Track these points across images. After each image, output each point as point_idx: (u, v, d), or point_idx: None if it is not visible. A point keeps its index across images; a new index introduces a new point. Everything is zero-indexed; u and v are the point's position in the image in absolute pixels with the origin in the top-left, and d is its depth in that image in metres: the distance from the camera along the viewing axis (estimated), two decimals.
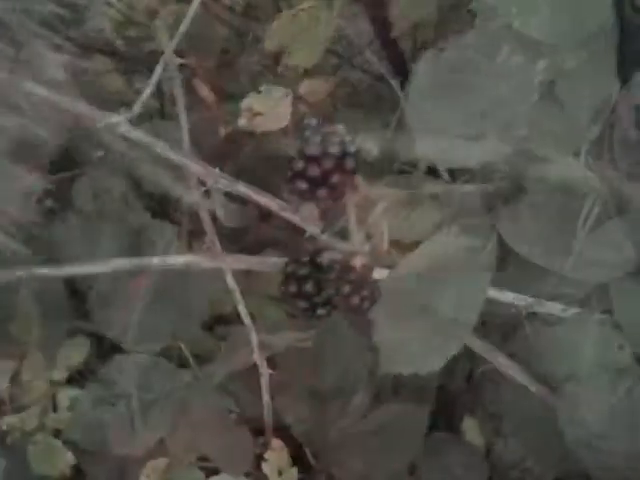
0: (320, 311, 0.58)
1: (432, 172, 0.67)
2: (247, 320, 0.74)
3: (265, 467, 0.78)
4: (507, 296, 0.65)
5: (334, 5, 0.81)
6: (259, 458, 0.79)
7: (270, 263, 0.64)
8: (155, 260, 0.63)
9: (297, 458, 0.82)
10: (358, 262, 0.53)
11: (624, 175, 0.71)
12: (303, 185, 0.50)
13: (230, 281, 0.73)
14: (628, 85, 0.68)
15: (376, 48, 1.07)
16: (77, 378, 0.93)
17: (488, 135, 0.56)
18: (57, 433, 0.88)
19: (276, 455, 0.79)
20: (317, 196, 0.50)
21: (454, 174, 0.68)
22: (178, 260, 0.64)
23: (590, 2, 0.62)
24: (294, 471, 0.79)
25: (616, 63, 0.66)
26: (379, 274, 0.59)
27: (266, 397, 0.78)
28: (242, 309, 0.74)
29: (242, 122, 0.82)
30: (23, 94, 0.47)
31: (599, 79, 0.66)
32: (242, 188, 0.62)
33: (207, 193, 0.66)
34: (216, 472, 0.80)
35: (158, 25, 0.66)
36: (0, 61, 0.45)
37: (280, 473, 0.79)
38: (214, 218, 0.69)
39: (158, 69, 0.64)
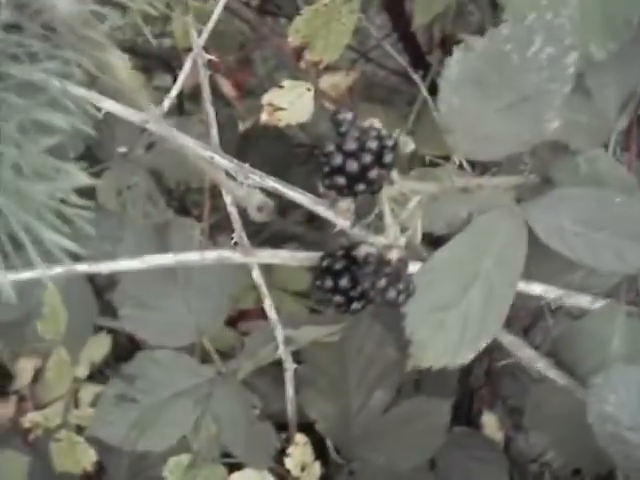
0: (355, 305, 0.58)
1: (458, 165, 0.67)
2: (273, 315, 0.75)
3: (288, 462, 0.78)
4: (536, 288, 0.65)
5: None
6: (282, 453, 0.79)
7: (302, 258, 0.64)
8: (188, 256, 0.63)
9: (320, 452, 0.82)
10: (394, 255, 0.53)
11: None
12: (341, 180, 0.50)
13: (257, 276, 0.73)
14: None
15: (392, 41, 1.07)
16: (95, 375, 0.93)
17: (519, 127, 0.56)
18: (80, 430, 0.88)
19: (299, 450, 0.79)
20: (355, 191, 0.50)
21: (483, 167, 0.67)
22: (210, 256, 0.63)
23: None
24: (317, 465, 0.79)
25: None
26: (412, 267, 0.59)
27: (291, 392, 0.78)
28: (268, 304, 0.74)
29: (264, 117, 0.82)
30: (64, 93, 0.47)
31: (626, 70, 0.66)
32: (272, 183, 0.62)
33: None
34: (239, 468, 0.80)
35: (187, 22, 0.65)
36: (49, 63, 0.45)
37: (303, 468, 0.79)
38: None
39: (187, 65, 0.64)
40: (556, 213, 0.61)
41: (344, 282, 0.57)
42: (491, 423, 1.02)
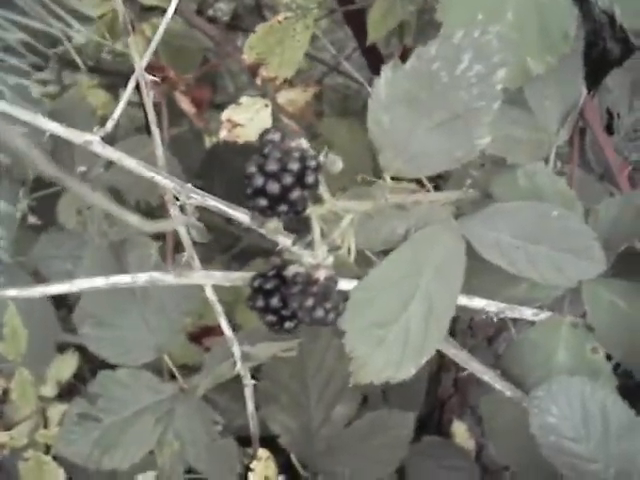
0: (288, 324, 0.58)
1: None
2: (228, 332, 0.75)
3: (252, 477, 0.78)
4: (478, 302, 0.65)
5: (310, 16, 0.81)
6: (246, 469, 0.80)
7: (236, 278, 0.65)
8: (120, 279, 0.63)
9: (285, 467, 0.82)
10: (322, 275, 0.54)
11: (596, 178, 0.72)
12: (263, 201, 0.50)
13: (210, 294, 0.74)
14: (596, 89, 0.69)
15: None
16: (72, 390, 0.94)
17: (451, 145, 0.56)
18: (49, 449, 0.88)
19: (263, 465, 0.79)
20: (278, 212, 0.51)
21: (421, 181, 0.68)
22: (141, 278, 0.64)
23: (555, 9, 0.63)
24: None
25: (582, 67, 0.67)
26: (348, 285, 0.60)
27: (251, 407, 0.79)
28: (223, 321, 0.75)
29: (223, 134, 0.83)
30: None
31: (566, 83, 0.67)
32: (212, 202, 0.63)
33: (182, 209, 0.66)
34: None
35: (130, 43, 0.66)
36: None
37: None
38: None
39: (129, 87, 0.65)
40: (493, 227, 0.61)
41: (275, 302, 0.57)
42: (461, 432, 1.02)
